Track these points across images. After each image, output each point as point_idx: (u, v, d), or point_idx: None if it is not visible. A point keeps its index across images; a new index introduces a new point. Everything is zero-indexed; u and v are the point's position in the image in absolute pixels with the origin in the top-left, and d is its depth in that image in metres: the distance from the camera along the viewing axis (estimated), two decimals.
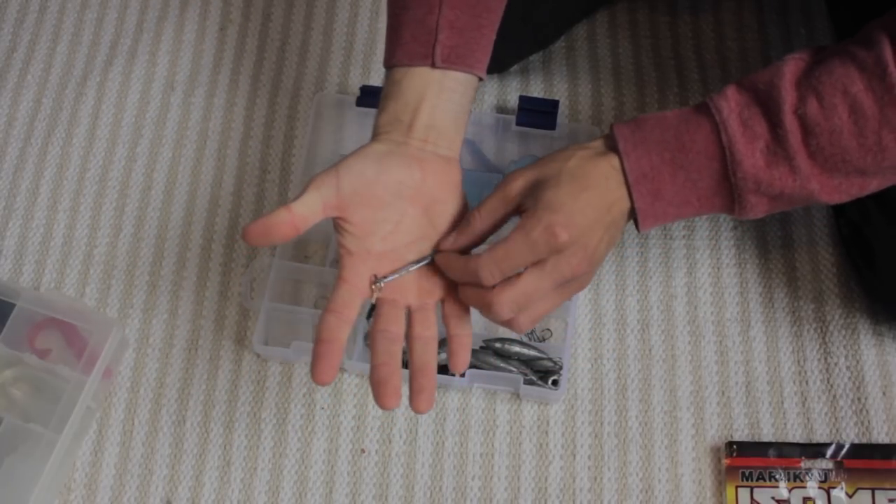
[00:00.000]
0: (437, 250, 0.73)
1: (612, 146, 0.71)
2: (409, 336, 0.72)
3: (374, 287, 0.72)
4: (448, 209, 0.74)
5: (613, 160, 0.70)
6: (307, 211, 0.70)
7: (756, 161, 0.68)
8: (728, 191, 0.70)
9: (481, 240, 0.73)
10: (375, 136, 0.74)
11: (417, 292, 0.74)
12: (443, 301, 0.74)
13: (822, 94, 0.67)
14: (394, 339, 0.71)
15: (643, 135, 0.70)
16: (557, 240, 0.68)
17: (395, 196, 0.72)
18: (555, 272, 0.69)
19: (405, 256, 0.73)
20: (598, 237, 0.70)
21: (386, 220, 0.72)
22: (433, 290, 0.74)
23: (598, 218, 0.70)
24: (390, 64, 0.76)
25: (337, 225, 0.72)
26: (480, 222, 0.72)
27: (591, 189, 0.70)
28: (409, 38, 0.74)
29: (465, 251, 0.73)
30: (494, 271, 0.69)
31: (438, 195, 0.73)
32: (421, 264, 0.73)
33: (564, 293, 0.72)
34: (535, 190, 0.70)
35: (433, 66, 0.73)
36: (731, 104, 0.69)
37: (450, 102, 0.74)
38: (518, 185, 0.71)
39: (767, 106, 0.68)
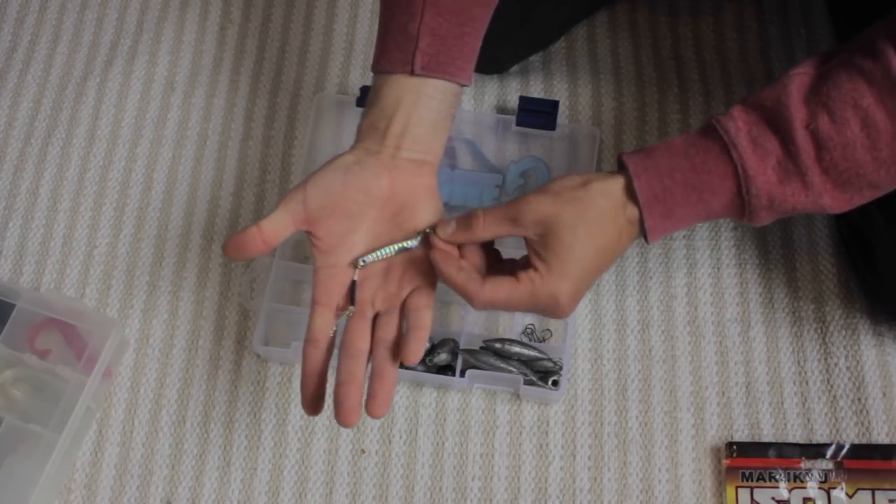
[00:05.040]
0: (420, 233, 0.74)
1: (630, 191, 0.71)
2: (372, 338, 0.73)
3: (357, 268, 0.74)
4: (419, 212, 0.74)
5: (631, 211, 0.71)
6: (276, 227, 0.72)
7: (769, 178, 0.68)
8: (740, 207, 0.70)
9: (474, 243, 0.74)
10: (355, 141, 0.76)
11: (385, 296, 0.75)
12: (408, 294, 0.74)
13: (833, 109, 0.67)
14: (357, 357, 0.73)
15: (653, 161, 0.70)
16: (560, 310, 0.71)
17: (362, 206, 0.73)
18: (539, 312, 0.73)
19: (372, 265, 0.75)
20: (588, 286, 0.73)
21: (353, 230, 0.74)
22: (399, 292, 0.75)
23: (601, 268, 0.72)
24: (374, 69, 0.76)
25: (308, 240, 0.74)
26: (482, 230, 0.72)
27: (604, 250, 0.71)
28: (392, 46, 0.75)
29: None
30: (487, 306, 0.71)
31: (408, 200, 0.74)
32: (401, 248, 0.74)
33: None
34: (549, 235, 0.70)
35: (412, 73, 0.74)
36: (738, 123, 0.69)
37: (427, 109, 0.74)
38: (532, 217, 0.71)
39: (776, 123, 0.68)
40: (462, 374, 0.93)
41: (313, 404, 0.73)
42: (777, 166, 0.68)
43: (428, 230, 0.74)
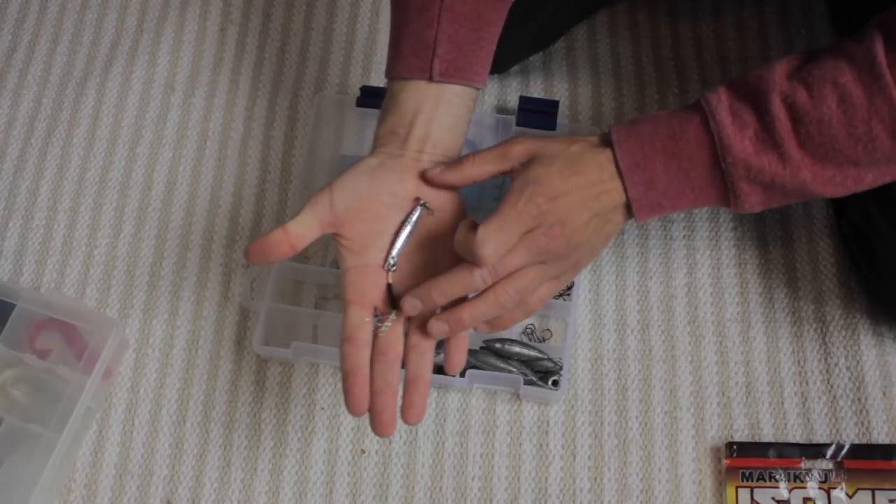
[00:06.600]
0: (421, 204, 0.74)
1: (609, 142, 0.72)
2: (406, 344, 0.73)
3: (388, 271, 0.73)
4: (443, 214, 0.74)
5: (610, 153, 0.71)
6: (302, 230, 0.71)
7: (745, 147, 0.68)
8: (720, 179, 0.70)
9: (464, 184, 0.74)
10: (374, 147, 0.75)
11: None
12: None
13: (812, 85, 0.67)
14: (391, 364, 0.72)
15: (635, 128, 0.71)
16: (539, 209, 0.68)
17: (388, 207, 0.73)
18: (532, 244, 0.69)
19: (403, 265, 0.74)
20: (582, 220, 0.70)
21: (382, 231, 0.74)
22: None
23: (583, 202, 0.70)
24: (390, 76, 0.76)
25: (335, 241, 0.73)
26: (472, 168, 0.73)
27: (582, 175, 0.70)
28: (408, 52, 0.75)
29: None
30: (490, 241, 0.67)
31: (433, 202, 0.74)
32: (410, 226, 0.74)
33: (550, 278, 0.73)
34: (529, 162, 0.71)
35: (430, 80, 0.74)
36: (720, 97, 0.70)
37: (446, 115, 0.75)
38: (519, 150, 0.72)
39: (756, 97, 0.69)
40: (462, 374, 0.93)
41: (358, 404, 0.71)
42: (754, 137, 0.68)
43: (421, 201, 0.74)
